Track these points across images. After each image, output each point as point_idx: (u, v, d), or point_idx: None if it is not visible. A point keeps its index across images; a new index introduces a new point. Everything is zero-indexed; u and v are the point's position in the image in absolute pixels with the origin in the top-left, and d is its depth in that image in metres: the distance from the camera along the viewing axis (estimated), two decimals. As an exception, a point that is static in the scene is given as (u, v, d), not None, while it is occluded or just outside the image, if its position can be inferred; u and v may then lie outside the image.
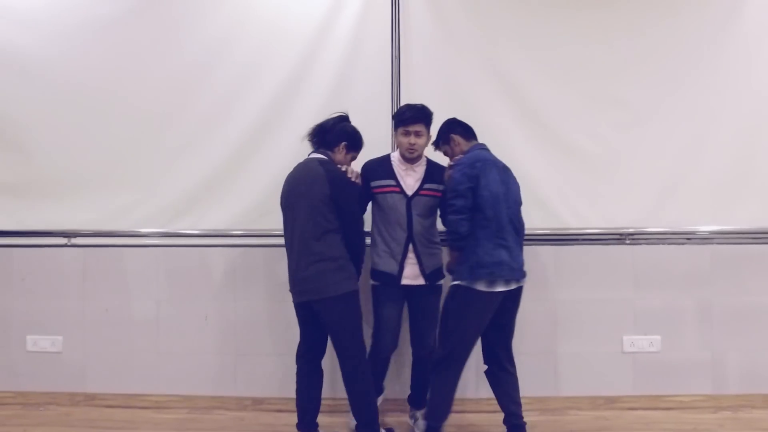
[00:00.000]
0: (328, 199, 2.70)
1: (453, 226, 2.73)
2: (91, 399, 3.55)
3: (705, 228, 3.50)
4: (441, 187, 2.98)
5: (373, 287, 3.05)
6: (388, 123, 3.42)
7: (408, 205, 2.96)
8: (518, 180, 3.00)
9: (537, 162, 3.52)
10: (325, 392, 3.02)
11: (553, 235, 3.48)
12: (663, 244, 3.52)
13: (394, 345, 3.04)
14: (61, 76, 3.63)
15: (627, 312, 3.47)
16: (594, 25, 3.61)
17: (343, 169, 2.93)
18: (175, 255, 3.59)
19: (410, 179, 3.01)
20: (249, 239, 3.48)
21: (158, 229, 3.58)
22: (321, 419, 2.94)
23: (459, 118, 3.31)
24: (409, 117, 2.95)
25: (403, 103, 3.47)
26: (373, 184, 3.00)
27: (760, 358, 3.50)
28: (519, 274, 2.72)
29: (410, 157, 3.01)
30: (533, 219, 3.19)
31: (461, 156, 2.93)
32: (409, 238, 2.95)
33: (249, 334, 3.49)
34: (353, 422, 2.91)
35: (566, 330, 3.48)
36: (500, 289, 2.66)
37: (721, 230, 3.50)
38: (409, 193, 2.97)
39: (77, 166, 3.65)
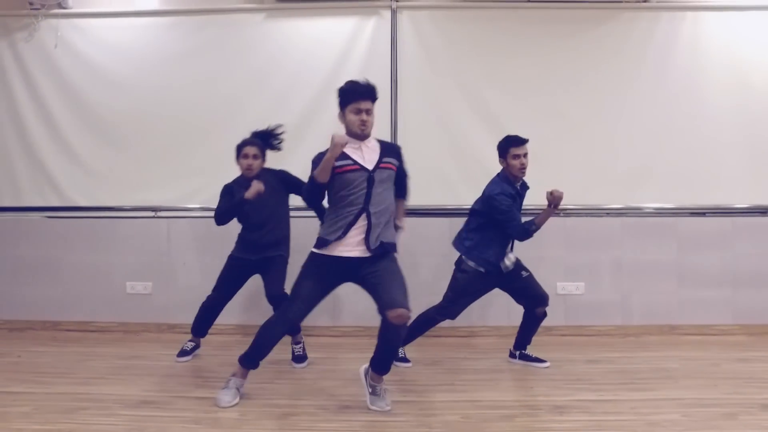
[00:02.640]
0: None
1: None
2: (172, 328, 4.54)
3: (617, 205, 4.58)
4: (396, 161, 2.96)
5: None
6: (387, 137, 4.33)
7: (369, 179, 2.83)
8: (484, 173, 3.82)
9: (497, 158, 4.15)
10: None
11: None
12: (587, 216, 4.56)
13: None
14: (148, 93, 4.71)
15: (560, 265, 4.47)
16: (541, 54, 4.59)
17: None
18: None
19: (367, 156, 2.88)
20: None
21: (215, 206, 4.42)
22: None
23: (439, 125, 4.44)
24: (362, 93, 2.84)
25: (399, 120, 4.55)
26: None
27: (655, 299, 4.53)
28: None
29: (362, 134, 2.87)
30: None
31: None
32: (363, 210, 2.83)
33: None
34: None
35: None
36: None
37: (628, 206, 4.57)
38: (370, 167, 2.85)
39: (160, 159, 4.68)
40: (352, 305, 4.49)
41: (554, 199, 3.41)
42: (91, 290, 4.70)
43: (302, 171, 3.41)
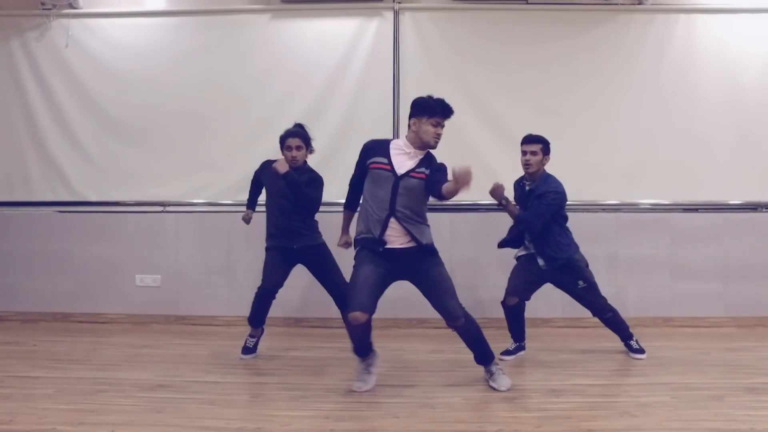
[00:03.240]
0: None
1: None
2: (181, 319, 4.68)
3: (613, 201, 4.73)
4: (426, 170, 3.01)
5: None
6: (389, 136, 4.51)
7: (395, 185, 2.93)
8: (484, 170, 3.96)
9: (496, 156, 4.52)
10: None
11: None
12: (583, 211, 4.64)
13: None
14: (156, 91, 4.84)
15: None
16: (539, 54, 4.74)
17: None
18: (238, 218, 4.43)
19: (409, 162, 2.98)
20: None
21: (227, 199, 4.74)
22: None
23: None
24: (444, 111, 2.96)
25: (400, 118, 4.66)
26: (370, 161, 3.00)
27: (649, 293, 4.66)
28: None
29: (434, 146, 3.00)
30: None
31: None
32: (390, 214, 2.93)
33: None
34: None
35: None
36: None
37: (623, 202, 4.73)
38: (399, 173, 2.95)
39: (168, 156, 4.82)
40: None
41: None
42: (101, 283, 4.83)
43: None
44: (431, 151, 3.08)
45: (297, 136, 3.69)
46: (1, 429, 2.45)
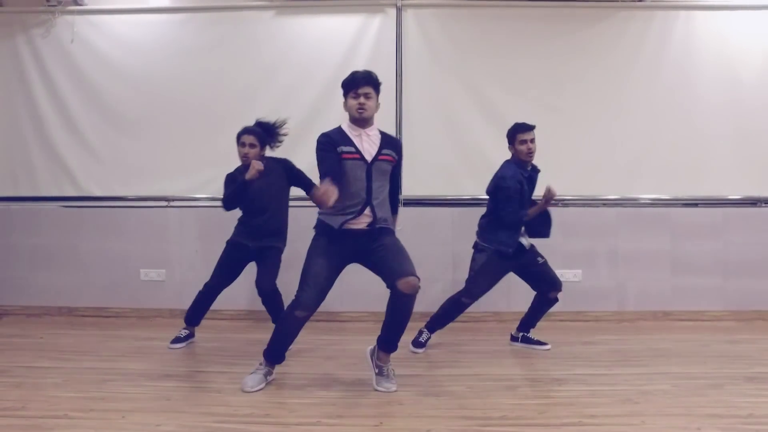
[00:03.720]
0: None
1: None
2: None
3: (614, 196, 4.78)
4: (395, 155, 3.01)
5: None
6: (392, 131, 4.45)
7: (368, 171, 2.90)
8: (485, 164, 4.00)
9: (498, 151, 4.13)
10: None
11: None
12: (584, 206, 4.76)
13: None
14: (161, 87, 4.90)
15: (558, 253, 4.53)
16: (540, 50, 4.81)
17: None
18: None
19: (367, 145, 2.94)
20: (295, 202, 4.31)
21: None
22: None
23: (442, 119, 4.62)
24: (359, 79, 2.90)
25: (404, 114, 4.72)
26: (340, 149, 2.89)
27: (649, 287, 4.71)
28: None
29: (360, 117, 2.90)
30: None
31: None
32: (367, 203, 2.90)
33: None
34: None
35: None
36: None
37: (624, 197, 4.78)
38: (369, 159, 2.90)
39: (172, 151, 4.86)
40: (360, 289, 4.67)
41: (550, 195, 3.58)
42: (106, 277, 4.88)
43: (310, 162, 3.33)
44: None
45: (252, 134, 3.76)
46: (13, 415, 2.48)
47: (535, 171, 3.83)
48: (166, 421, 2.40)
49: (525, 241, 3.76)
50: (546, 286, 3.81)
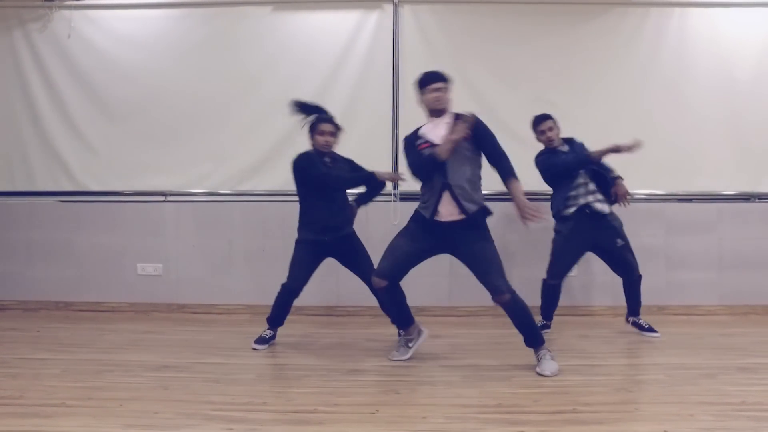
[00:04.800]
0: None
1: None
2: (181, 308, 4.73)
3: (608, 190, 4.84)
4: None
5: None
6: (388, 125, 4.71)
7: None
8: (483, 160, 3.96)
9: None
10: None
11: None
12: None
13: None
14: (158, 82, 4.89)
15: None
16: (536, 47, 4.81)
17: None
18: (240, 207, 4.78)
19: (439, 131, 3.09)
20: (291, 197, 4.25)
21: (228, 189, 4.81)
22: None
23: None
24: (431, 77, 3.16)
25: (401, 110, 4.73)
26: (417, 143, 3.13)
27: (644, 281, 4.32)
28: None
29: (437, 108, 3.12)
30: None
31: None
32: (445, 185, 3.00)
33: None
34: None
35: (520, 262, 4.65)
36: None
37: (619, 192, 4.84)
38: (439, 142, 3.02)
39: (170, 146, 4.86)
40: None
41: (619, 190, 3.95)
42: (102, 272, 4.88)
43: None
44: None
45: (330, 122, 3.65)
46: (12, 404, 2.50)
47: (573, 143, 4.08)
48: (163, 409, 2.41)
49: (600, 206, 3.89)
50: (624, 270, 4.01)
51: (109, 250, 4.88)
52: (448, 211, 3.00)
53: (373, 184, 3.70)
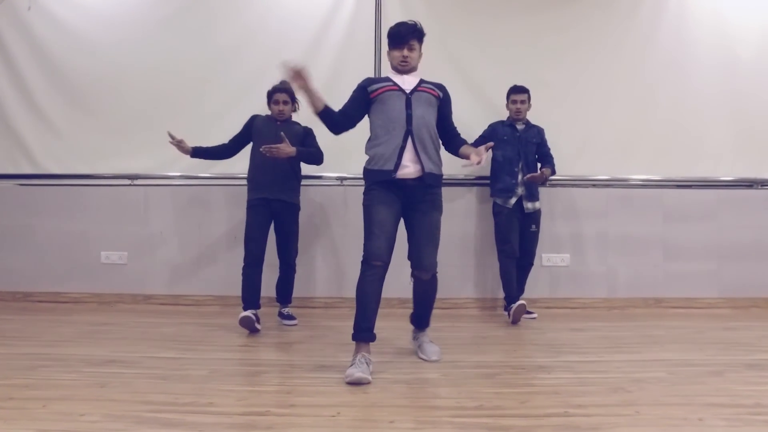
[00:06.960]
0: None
1: None
2: (148, 299, 4.46)
3: (603, 176, 4.52)
4: (438, 91, 2.89)
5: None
6: None
7: (408, 101, 2.77)
8: (466, 137, 3.43)
9: (479, 125, 4.23)
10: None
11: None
12: (572, 187, 4.50)
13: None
14: (126, 58, 4.58)
15: (545, 236, 4.30)
16: (527, 24, 4.55)
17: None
18: (209, 192, 4.50)
19: (408, 81, 2.84)
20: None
21: (200, 173, 4.50)
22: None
23: None
24: (404, 33, 2.80)
25: None
26: (370, 88, 2.84)
27: (641, 272, 4.47)
28: None
29: (402, 69, 2.83)
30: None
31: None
32: (408, 133, 2.74)
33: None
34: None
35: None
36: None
37: (614, 178, 4.52)
38: (408, 89, 2.80)
39: (139, 127, 4.55)
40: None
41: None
42: (64, 260, 4.57)
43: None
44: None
45: (285, 92, 3.77)
46: None
47: (531, 127, 4.14)
48: (91, 410, 2.09)
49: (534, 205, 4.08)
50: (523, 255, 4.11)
51: (71, 237, 4.58)
52: (411, 165, 2.75)
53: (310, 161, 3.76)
